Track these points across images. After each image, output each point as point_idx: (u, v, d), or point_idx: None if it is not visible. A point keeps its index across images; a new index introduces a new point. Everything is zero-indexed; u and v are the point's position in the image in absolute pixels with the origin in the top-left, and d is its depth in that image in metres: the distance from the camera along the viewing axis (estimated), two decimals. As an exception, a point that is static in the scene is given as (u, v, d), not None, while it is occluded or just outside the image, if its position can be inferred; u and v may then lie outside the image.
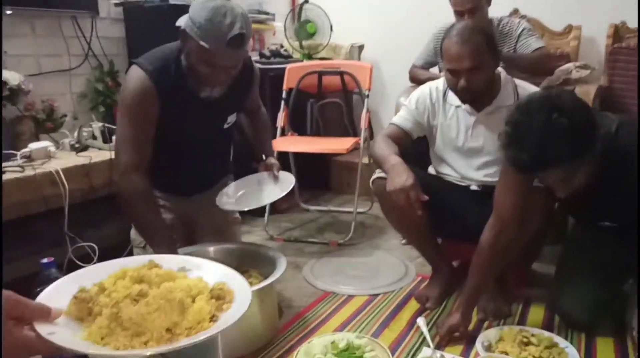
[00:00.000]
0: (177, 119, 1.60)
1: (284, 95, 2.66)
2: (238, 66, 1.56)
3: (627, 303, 1.53)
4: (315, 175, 3.17)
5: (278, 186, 1.77)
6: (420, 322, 1.55)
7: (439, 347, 1.47)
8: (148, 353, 0.74)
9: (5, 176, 1.75)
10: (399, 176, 1.51)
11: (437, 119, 1.73)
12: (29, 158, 1.97)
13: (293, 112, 2.69)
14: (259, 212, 2.44)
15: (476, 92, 1.58)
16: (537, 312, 1.68)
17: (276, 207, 2.81)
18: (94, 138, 2.23)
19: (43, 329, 0.68)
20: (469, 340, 1.49)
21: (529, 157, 1.17)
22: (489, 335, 1.48)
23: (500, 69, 1.67)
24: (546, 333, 1.47)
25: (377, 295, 1.84)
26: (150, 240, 1.55)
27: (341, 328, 1.63)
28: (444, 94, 1.72)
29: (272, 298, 1.60)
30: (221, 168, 1.90)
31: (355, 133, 2.73)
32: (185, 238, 1.83)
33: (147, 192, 1.54)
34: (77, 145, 2.19)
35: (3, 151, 1.94)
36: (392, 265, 2.09)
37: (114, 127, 2.23)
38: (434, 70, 2.55)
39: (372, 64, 2.69)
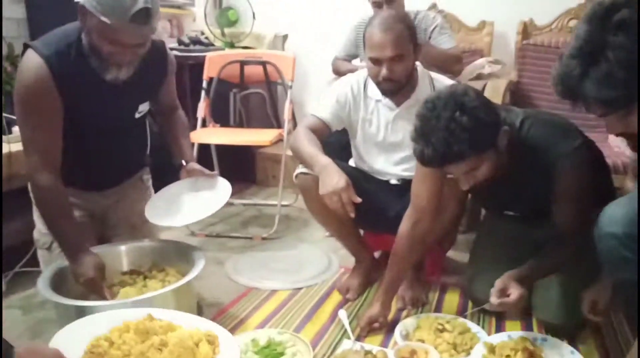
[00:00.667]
0: (81, 106, 1.48)
1: (204, 85, 2.57)
2: (145, 44, 1.46)
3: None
4: (240, 168, 3.10)
5: (213, 193, 1.66)
6: (342, 314, 1.57)
7: (359, 338, 1.49)
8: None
9: None
10: (331, 178, 1.48)
11: (358, 113, 1.73)
12: None
13: (215, 102, 2.61)
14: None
15: (397, 82, 1.60)
16: (452, 299, 1.75)
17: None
18: (-10, 129, 2.04)
19: None
20: (389, 330, 1.52)
21: (433, 152, 1.22)
22: (407, 323, 1.52)
23: (417, 62, 1.70)
24: (460, 320, 1.53)
25: (300, 288, 1.84)
26: (60, 245, 1.48)
27: (264, 324, 1.61)
28: (365, 88, 1.72)
29: (190, 297, 1.55)
30: (135, 161, 1.80)
31: (279, 125, 2.69)
32: (96, 235, 1.73)
33: (57, 193, 1.46)
34: (-29, 137, 2.00)
35: None
36: (316, 258, 2.09)
37: (13, 117, 2.06)
38: (356, 62, 2.56)
39: (295, 54, 2.66)
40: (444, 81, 1.70)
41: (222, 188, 1.69)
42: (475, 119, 1.20)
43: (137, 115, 1.64)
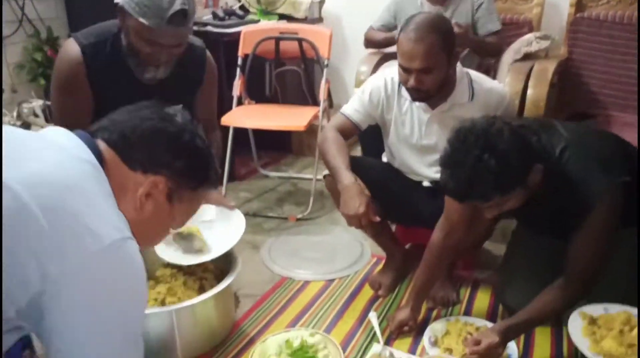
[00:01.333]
0: (110, 99, 1.50)
1: (239, 62, 2.54)
2: (182, 45, 1.49)
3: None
4: (275, 137, 3.10)
5: (228, 227, 1.65)
6: (372, 316, 1.62)
7: (388, 341, 1.55)
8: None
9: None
10: (353, 201, 1.50)
11: (391, 113, 1.69)
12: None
13: (250, 78, 2.59)
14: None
15: (426, 92, 1.55)
16: (483, 298, 1.77)
17: (235, 173, 2.79)
18: (35, 115, 2.11)
19: None
20: (418, 332, 1.57)
21: (455, 187, 1.21)
22: (435, 329, 1.56)
23: (458, 64, 1.63)
24: (489, 325, 1.55)
25: (332, 280, 1.89)
26: None
27: (297, 319, 1.68)
28: (399, 86, 1.67)
29: (228, 294, 1.62)
30: None
31: (314, 102, 2.66)
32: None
33: None
34: (17, 124, 2.08)
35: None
36: (348, 245, 2.12)
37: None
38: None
39: (333, 23, 2.57)
40: (484, 84, 1.62)
41: (238, 222, 1.66)
42: (504, 163, 1.15)
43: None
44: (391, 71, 1.71)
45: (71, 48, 1.49)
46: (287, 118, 2.49)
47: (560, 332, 1.57)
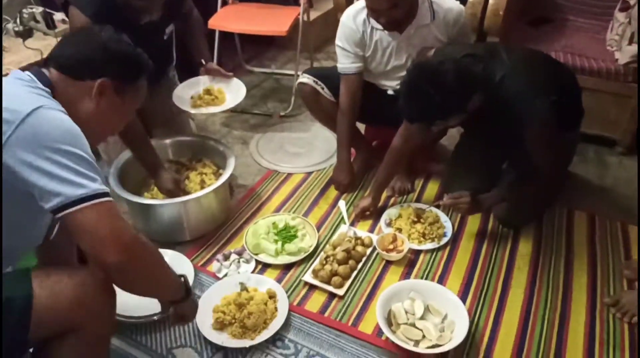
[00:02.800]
0: None
1: (223, -39, 2.63)
2: None
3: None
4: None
5: (229, 92, 2.03)
6: (341, 204, 2.02)
7: (353, 223, 1.97)
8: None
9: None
10: (342, 174, 2.08)
11: (366, 47, 1.91)
12: (-20, 53, 2.06)
13: (233, -22, 2.69)
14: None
15: (396, 21, 1.77)
16: (433, 188, 2.16)
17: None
18: (36, 21, 2.27)
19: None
20: (377, 217, 1.99)
21: (408, 113, 1.58)
22: (390, 213, 1.98)
23: None
24: (434, 210, 1.97)
25: (311, 172, 2.26)
26: (143, 165, 1.86)
27: (281, 206, 2.08)
28: (367, 17, 1.86)
29: (225, 186, 1.98)
30: (164, 63, 2.08)
31: (296, 2, 2.79)
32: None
33: (134, 124, 1.74)
34: (20, 30, 2.24)
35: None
36: (325, 140, 2.46)
37: (54, 13, 2.27)
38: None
39: None
40: (442, 4, 1.83)
41: (237, 87, 2.03)
42: (447, 98, 1.45)
43: (165, 36, 1.89)
44: (350, 13, 1.90)
45: (80, 21, 1.66)
46: (270, 22, 2.65)
47: (489, 214, 2.00)
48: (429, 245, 1.84)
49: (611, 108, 2.27)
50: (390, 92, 2.04)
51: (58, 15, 2.27)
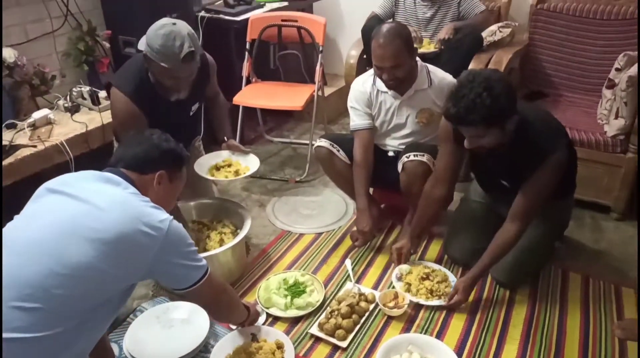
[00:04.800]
0: (153, 117, 2.01)
1: (247, 46, 2.97)
2: (194, 73, 1.97)
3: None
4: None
5: (247, 163, 2.26)
6: (347, 262, 2.19)
7: (358, 280, 2.12)
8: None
9: (21, 153, 2.18)
10: (362, 221, 2.21)
11: (373, 107, 2.20)
12: (33, 126, 2.37)
13: (256, 60, 3.02)
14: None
15: (397, 82, 2.06)
16: (435, 248, 2.30)
17: (244, 139, 3.28)
18: (83, 98, 2.60)
19: None
20: (385, 269, 2.16)
21: (455, 113, 1.64)
22: (402, 268, 2.09)
23: (417, 59, 2.11)
24: (443, 270, 2.09)
25: (321, 233, 2.44)
26: None
27: (293, 263, 2.25)
28: (374, 82, 2.17)
29: (242, 244, 2.18)
30: (190, 135, 2.35)
31: (312, 80, 3.10)
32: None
33: None
34: (69, 106, 2.56)
35: (6, 121, 2.34)
36: (336, 204, 2.66)
37: (99, 91, 2.60)
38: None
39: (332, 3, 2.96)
40: (437, 73, 2.15)
41: (253, 161, 2.25)
42: (496, 101, 1.59)
43: (191, 113, 2.17)
44: (360, 79, 2.22)
45: (120, 98, 1.93)
46: (288, 97, 2.93)
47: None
48: (435, 302, 1.95)
49: (603, 177, 2.43)
50: (390, 154, 2.26)
51: (102, 93, 2.60)
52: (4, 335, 1.10)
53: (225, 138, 2.29)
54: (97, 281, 1.20)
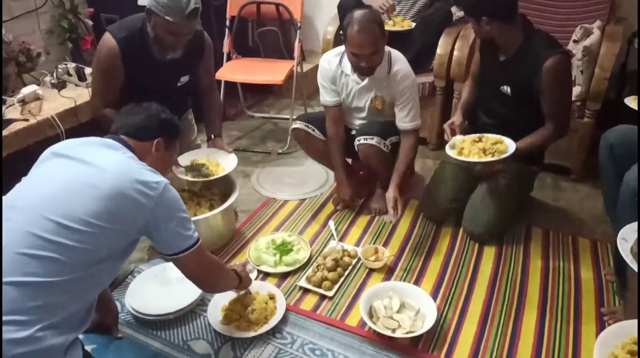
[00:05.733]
0: (140, 76, 2.10)
1: (227, 23, 3.07)
2: (192, 32, 2.06)
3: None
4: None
5: (225, 162, 2.30)
6: (331, 223, 2.35)
7: (341, 239, 2.28)
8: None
9: (14, 127, 2.25)
10: (342, 192, 2.43)
11: (337, 86, 2.30)
12: (23, 101, 2.43)
13: (236, 37, 3.13)
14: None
15: (373, 68, 2.16)
16: (409, 213, 2.47)
17: (226, 115, 3.39)
18: (69, 74, 2.66)
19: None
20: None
21: (468, 4, 2.08)
22: (457, 138, 2.14)
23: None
24: (495, 136, 2.07)
25: (304, 199, 2.60)
26: None
27: (279, 226, 2.39)
28: (340, 63, 2.24)
29: (230, 210, 2.31)
30: (181, 110, 2.44)
31: (290, 56, 3.22)
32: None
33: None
34: (55, 82, 2.63)
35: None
36: (317, 173, 2.81)
37: (84, 67, 2.67)
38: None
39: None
40: (399, 57, 2.22)
41: (231, 162, 2.29)
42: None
43: (179, 84, 2.25)
44: (331, 53, 2.30)
45: (109, 41, 2.02)
46: (268, 72, 3.06)
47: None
48: (488, 159, 2.00)
49: (562, 141, 2.61)
50: (353, 132, 2.40)
51: (87, 70, 2.67)
52: (21, 278, 1.20)
53: (213, 136, 2.37)
54: (100, 236, 1.31)
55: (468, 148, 2.05)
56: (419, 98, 2.28)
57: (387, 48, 2.20)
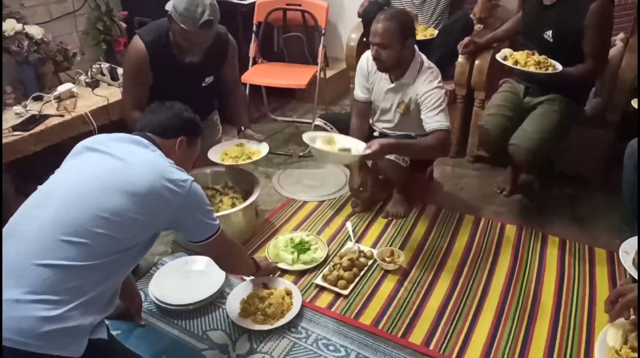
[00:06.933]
0: (166, 77, 2.21)
1: (254, 28, 3.16)
2: (209, 41, 2.17)
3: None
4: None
5: (259, 147, 2.43)
6: (348, 225, 2.40)
7: (358, 241, 2.33)
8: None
9: (50, 122, 2.37)
10: (352, 180, 2.48)
11: (370, 84, 2.38)
12: (58, 98, 2.56)
13: (262, 42, 3.22)
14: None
15: (384, 63, 2.18)
16: (427, 217, 2.52)
17: (250, 117, 3.46)
18: (102, 74, 2.79)
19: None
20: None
21: None
22: (506, 50, 2.39)
23: (419, 54, 2.25)
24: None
25: (323, 201, 2.66)
26: None
27: (298, 226, 2.46)
28: (372, 64, 2.32)
29: (252, 208, 2.39)
30: (204, 111, 2.53)
31: (314, 61, 3.30)
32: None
33: None
34: (90, 81, 2.75)
35: (32, 94, 2.53)
36: (336, 176, 2.87)
37: (117, 67, 2.79)
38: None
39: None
40: (429, 68, 2.24)
41: (264, 147, 2.43)
42: None
43: (203, 84, 2.35)
44: (366, 54, 2.36)
45: (138, 45, 2.15)
46: (292, 77, 3.13)
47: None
48: (542, 71, 2.22)
49: (580, 150, 2.65)
50: (375, 134, 2.46)
51: (120, 70, 2.78)
52: (56, 261, 1.29)
53: (243, 128, 2.48)
54: (130, 226, 1.39)
55: (524, 59, 2.26)
56: (446, 106, 2.20)
57: (420, 57, 2.25)
